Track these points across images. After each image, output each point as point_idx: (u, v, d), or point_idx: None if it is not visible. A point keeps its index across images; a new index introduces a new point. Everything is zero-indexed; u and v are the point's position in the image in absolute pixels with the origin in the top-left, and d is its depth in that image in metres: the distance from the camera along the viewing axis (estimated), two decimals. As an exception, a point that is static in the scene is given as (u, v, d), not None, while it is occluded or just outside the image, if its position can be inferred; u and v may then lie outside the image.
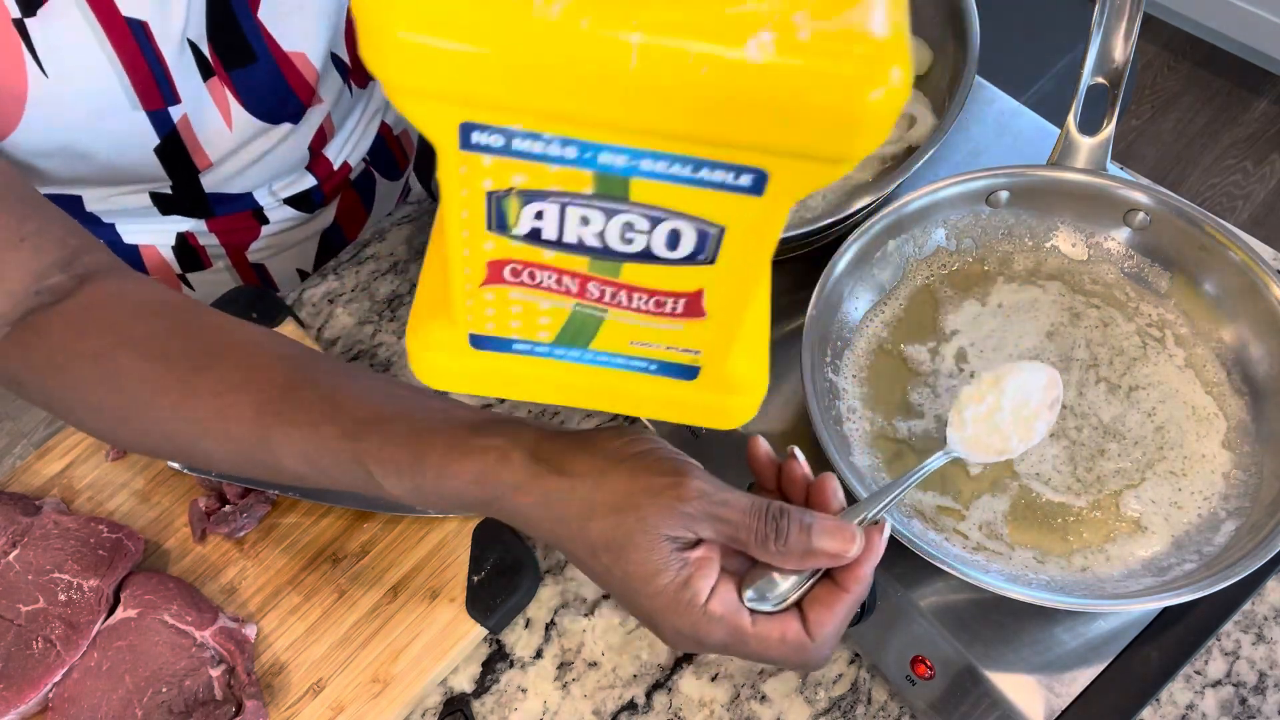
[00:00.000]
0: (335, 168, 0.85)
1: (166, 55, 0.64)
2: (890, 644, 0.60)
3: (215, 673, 0.62)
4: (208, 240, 0.83)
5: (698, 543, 0.45)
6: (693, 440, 0.68)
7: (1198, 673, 0.63)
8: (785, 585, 0.45)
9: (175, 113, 0.68)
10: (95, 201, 0.75)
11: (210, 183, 0.77)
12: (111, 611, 0.64)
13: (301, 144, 0.80)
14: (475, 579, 0.67)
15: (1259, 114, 2.07)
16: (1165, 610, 0.57)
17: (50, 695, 0.62)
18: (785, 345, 0.67)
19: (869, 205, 0.64)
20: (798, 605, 0.46)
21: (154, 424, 0.53)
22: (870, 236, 0.63)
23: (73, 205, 0.75)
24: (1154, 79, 2.13)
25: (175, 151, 0.70)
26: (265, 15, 0.68)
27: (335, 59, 0.76)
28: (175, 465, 0.70)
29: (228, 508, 0.69)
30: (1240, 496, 0.58)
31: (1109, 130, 0.65)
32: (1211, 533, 0.57)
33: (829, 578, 0.46)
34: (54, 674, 0.62)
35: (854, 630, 0.61)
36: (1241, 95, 2.10)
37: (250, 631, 0.65)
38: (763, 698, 0.65)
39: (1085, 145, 0.65)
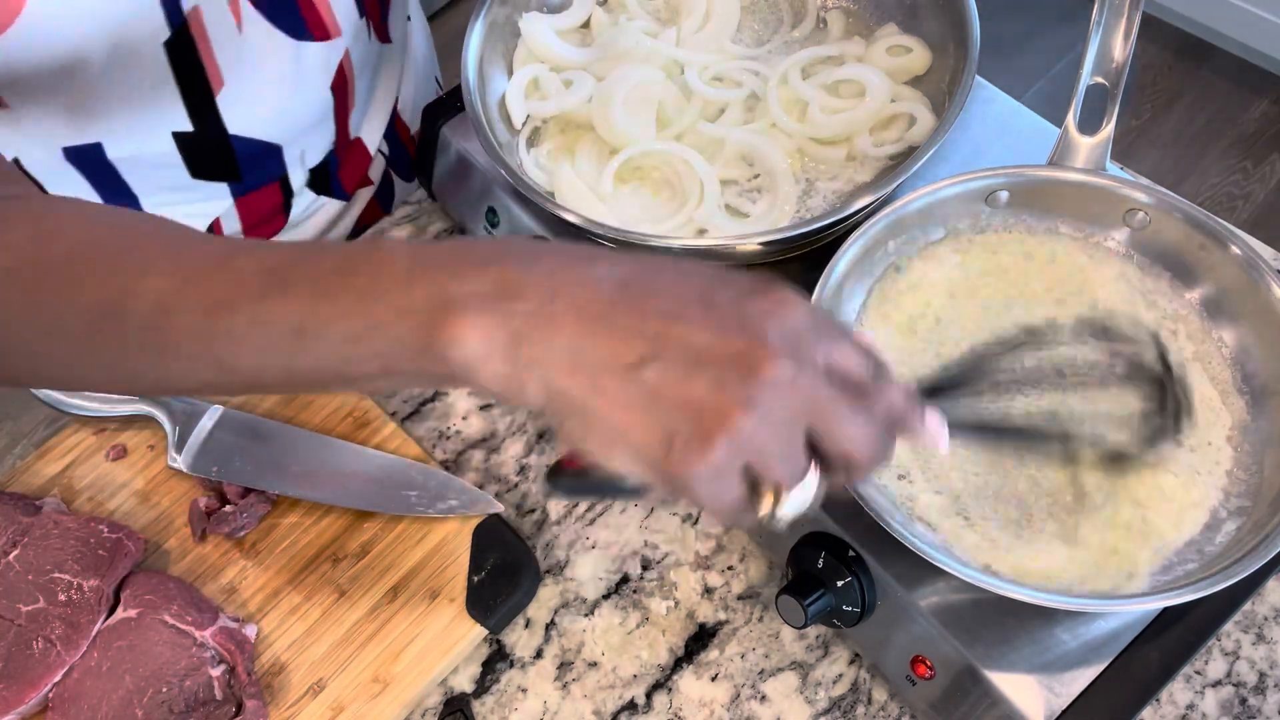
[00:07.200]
0: (351, 137, 0.84)
1: None
2: (890, 644, 0.60)
3: (215, 673, 0.62)
4: (233, 227, 0.81)
5: None
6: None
7: (1198, 673, 0.63)
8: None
9: (186, 1, 0.64)
10: (117, 147, 0.72)
11: (232, 120, 0.73)
12: (111, 611, 0.64)
13: (321, 83, 0.77)
14: (475, 579, 0.67)
15: (1259, 114, 2.07)
16: (1165, 610, 0.57)
17: (50, 695, 0.62)
18: (785, 345, 0.67)
19: (869, 205, 0.64)
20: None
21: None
22: (870, 236, 0.63)
23: (94, 154, 0.71)
24: (1154, 79, 2.13)
25: (186, 55, 0.67)
26: None
27: None
28: (177, 465, 0.70)
29: (228, 508, 0.69)
30: (1241, 496, 0.58)
31: (1108, 130, 0.65)
32: (1212, 532, 0.57)
33: None
34: (54, 674, 0.62)
35: (854, 630, 0.61)
36: (1241, 95, 2.10)
37: (250, 631, 0.65)
38: (763, 698, 0.65)
39: (1085, 145, 0.65)
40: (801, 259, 0.70)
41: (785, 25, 0.78)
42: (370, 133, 0.87)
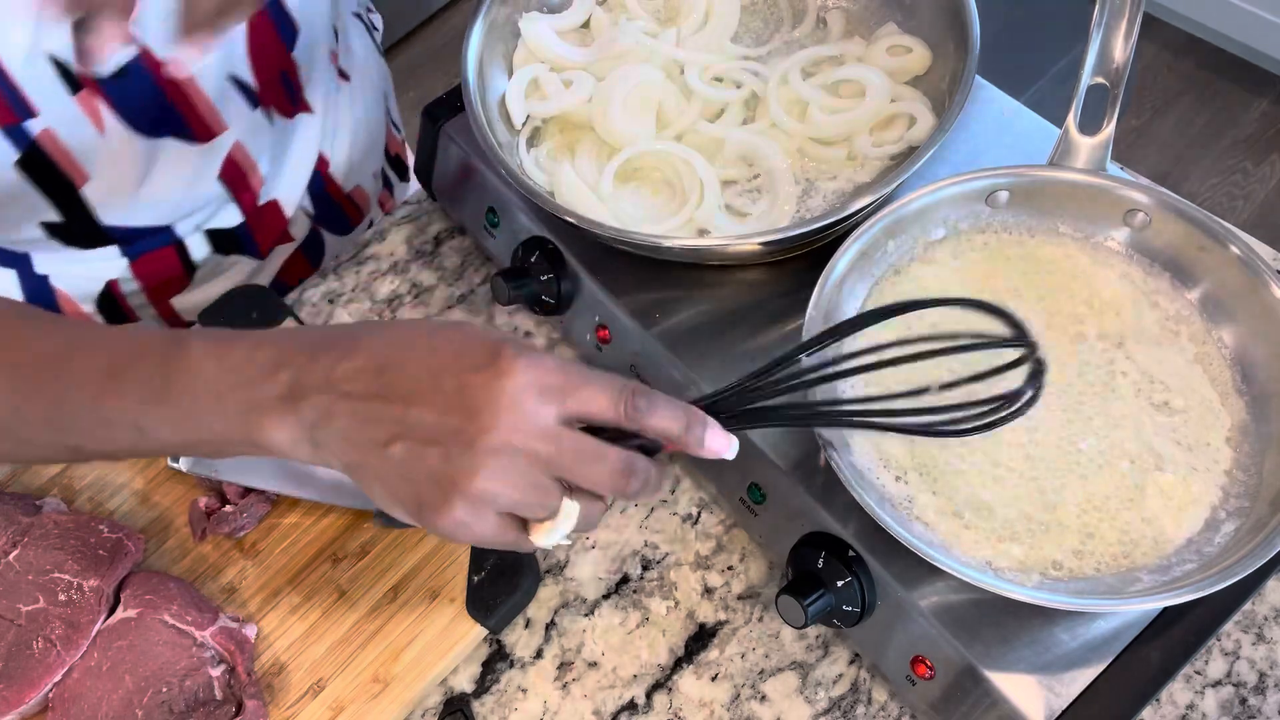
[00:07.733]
0: (260, 204, 0.82)
1: (11, 70, 0.61)
2: (890, 644, 0.60)
3: (215, 673, 0.62)
4: (131, 287, 0.80)
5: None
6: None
7: (1198, 673, 0.63)
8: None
9: (33, 126, 0.64)
10: None
11: (106, 210, 0.72)
12: (111, 611, 0.64)
13: (207, 175, 0.76)
14: (475, 579, 0.67)
15: (1259, 114, 2.07)
16: (1165, 610, 0.57)
17: (50, 695, 0.62)
18: (785, 345, 0.67)
19: (869, 205, 0.64)
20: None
21: None
22: (870, 236, 0.63)
23: None
24: (1154, 79, 2.13)
25: (42, 167, 0.66)
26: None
27: (235, 80, 0.73)
28: (177, 465, 0.70)
29: (228, 508, 0.69)
30: (1241, 496, 0.58)
31: (1109, 130, 0.65)
32: (1212, 533, 0.57)
33: None
34: (54, 674, 0.62)
35: (854, 630, 0.61)
36: (1241, 95, 2.10)
37: (250, 631, 0.65)
38: (763, 698, 0.65)
39: (1085, 145, 0.65)
40: (802, 259, 0.70)
41: (785, 25, 0.78)
42: (286, 195, 0.84)
